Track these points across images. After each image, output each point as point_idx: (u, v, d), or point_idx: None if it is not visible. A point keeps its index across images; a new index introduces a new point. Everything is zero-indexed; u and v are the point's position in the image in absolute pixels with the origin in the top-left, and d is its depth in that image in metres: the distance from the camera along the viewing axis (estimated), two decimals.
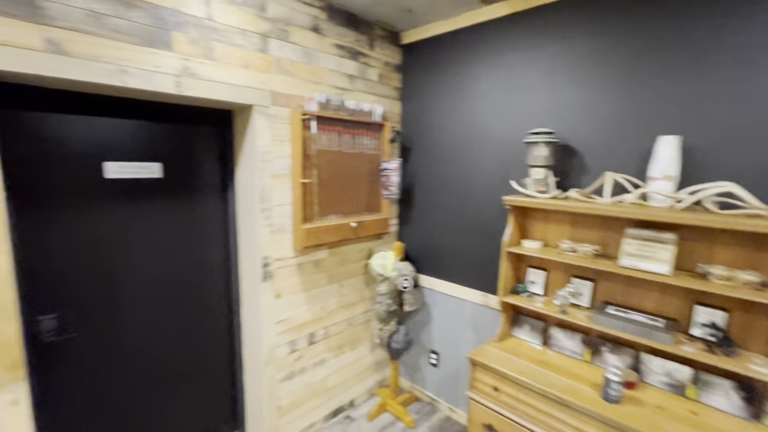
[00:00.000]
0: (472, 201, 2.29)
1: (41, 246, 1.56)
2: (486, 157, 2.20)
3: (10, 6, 1.21)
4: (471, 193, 2.29)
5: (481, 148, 2.21)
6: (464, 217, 2.34)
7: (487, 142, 2.19)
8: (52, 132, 1.55)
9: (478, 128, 2.22)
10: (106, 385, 1.79)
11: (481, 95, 2.19)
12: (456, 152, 2.33)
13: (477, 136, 2.23)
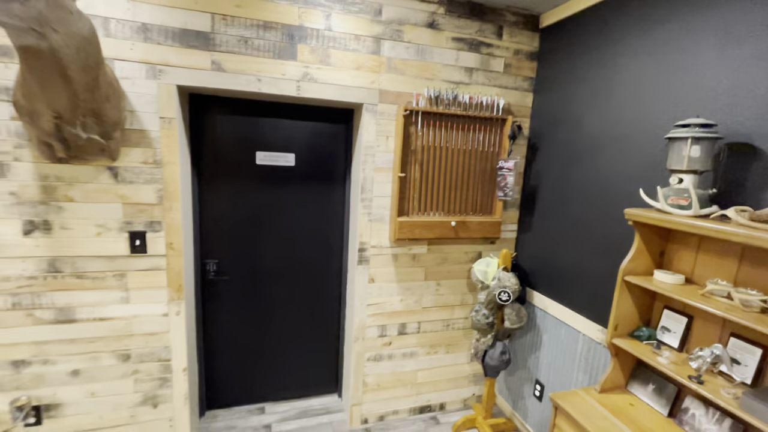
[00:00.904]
0: (607, 213, 1.84)
1: (213, 210, 2.19)
2: (630, 158, 1.72)
3: (194, 40, 1.74)
4: (606, 202, 1.83)
5: (626, 147, 1.74)
6: (593, 232, 1.90)
7: (634, 139, 1.70)
8: (224, 127, 2.13)
9: (624, 122, 1.75)
10: (244, 317, 2.36)
11: (630, 80, 1.72)
12: (593, 152, 1.91)
13: (621, 132, 1.76)
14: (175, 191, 1.84)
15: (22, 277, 1.71)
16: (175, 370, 1.98)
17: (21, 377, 1.78)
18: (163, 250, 1.87)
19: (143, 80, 1.72)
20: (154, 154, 1.79)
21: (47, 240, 1.71)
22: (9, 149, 1.62)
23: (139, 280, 1.86)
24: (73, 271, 1.77)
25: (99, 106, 1.49)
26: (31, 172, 1.66)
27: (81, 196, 1.72)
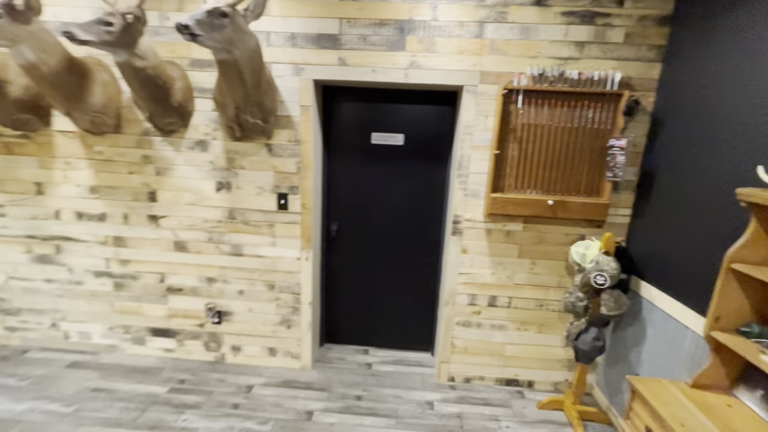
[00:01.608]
0: (733, 197, 1.61)
1: (337, 181, 2.69)
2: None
3: (326, 42, 2.18)
4: (734, 184, 1.60)
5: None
6: (716, 219, 1.69)
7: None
8: (347, 112, 2.57)
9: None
10: (357, 271, 2.84)
11: None
12: (733, 128, 1.67)
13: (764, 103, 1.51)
14: (309, 164, 2.36)
15: (213, 220, 2.48)
16: (303, 302, 2.57)
17: (211, 289, 2.60)
18: (299, 209, 2.43)
19: (290, 77, 2.25)
20: (296, 135, 2.33)
21: (228, 196, 2.44)
22: (209, 131, 2.36)
23: (283, 230, 2.47)
24: (242, 219, 2.47)
25: (261, 98, 2.06)
26: (221, 148, 2.38)
27: (249, 165, 2.39)
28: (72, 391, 2.34)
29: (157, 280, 2.61)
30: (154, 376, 2.53)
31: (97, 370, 2.55)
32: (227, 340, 2.67)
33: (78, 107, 2.16)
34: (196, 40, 1.58)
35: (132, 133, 2.39)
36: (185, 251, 2.54)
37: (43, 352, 2.73)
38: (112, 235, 2.55)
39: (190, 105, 2.31)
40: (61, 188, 2.50)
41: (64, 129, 2.41)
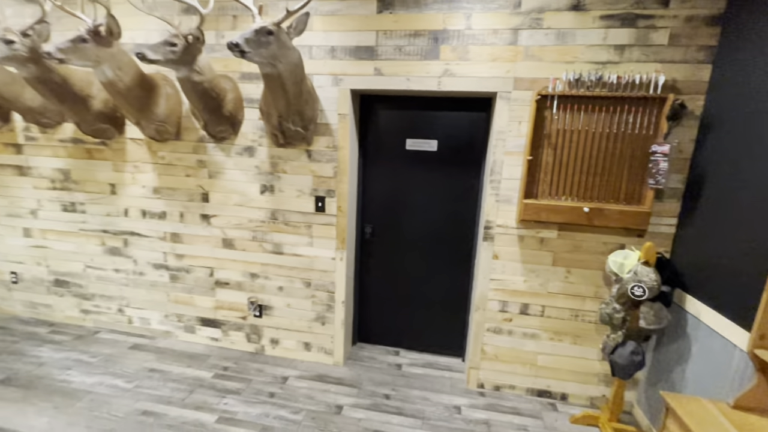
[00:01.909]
0: None
1: (372, 185, 2.80)
2: None
3: (363, 53, 2.30)
4: None
5: None
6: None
7: None
8: (383, 119, 2.68)
9: None
10: (390, 273, 2.92)
11: None
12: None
13: None
14: (345, 169, 2.49)
15: (257, 220, 2.68)
16: (337, 300, 2.69)
17: (253, 284, 2.80)
18: (335, 211, 2.56)
19: (329, 87, 2.39)
20: (333, 141, 2.46)
21: (271, 198, 2.63)
22: (256, 138, 2.56)
23: (319, 231, 2.61)
24: (283, 220, 2.64)
25: (302, 107, 2.22)
26: (266, 153, 2.57)
27: (290, 170, 2.56)
28: (133, 370, 2.63)
29: (207, 274, 2.85)
30: (202, 362, 2.76)
31: (154, 353, 2.84)
32: (267, 333, 2.85)
33: (145, 117, 2.45)
34: (244, 57, 1.76)
35: (189, 140, 2.65)
36: (232, 248, 2.76)
37: (110, 333, 3.07)
38: (170, 232, 2.83)
39: (240, 114, 2.53)
40: (130, 189, 2.83)
41: (134, 137, 2.74)
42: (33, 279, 3.20)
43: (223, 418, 2.23)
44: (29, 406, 2.25)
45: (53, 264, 3.12)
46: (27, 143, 2.94)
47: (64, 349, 2.83)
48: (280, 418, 2.25)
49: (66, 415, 2.20)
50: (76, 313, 3.18)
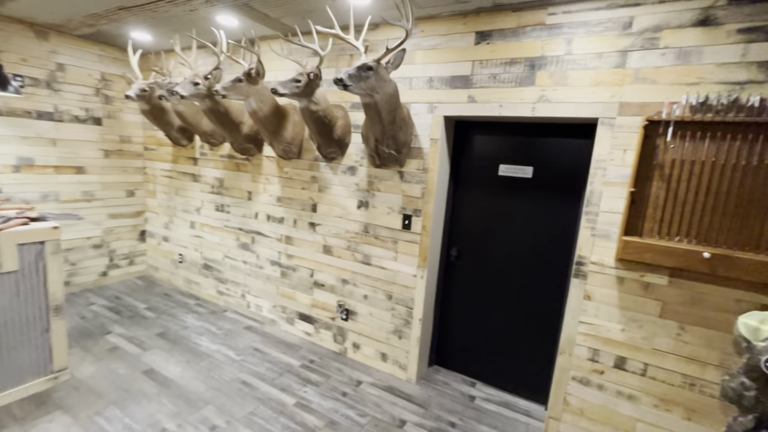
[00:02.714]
0: None
1: (461, 208, 2.83)
2: None
3: (458, 82, 2.42)
4: None
5: None
6: None
7: None
8: (476, 144, 2.72)
9: None
10: (473, 300, 2.87)
11: None
12: None
13: None
14: (432, 190, 2.60)
15: (352, 231, 2.98)
16: (414, 317, 2.77)
17: (343, 289, 3.08)
18: (419, 230, 2.68)
19: (425, 114, 2.57)
20: (424, 164, 2.61)
21: (365, 213, 2.90)
22: (358, 159, 2.89)
23: (404, 247, 2.75)
24: (373, 234, 2.88)
25: (395, 133, 2.44)
26: (365, 172, 2.87)
27: (383, 188, 2.80)
28: (242, 346, 3.15)
29: (308, 274, 3.27)
30: (294, 351, 3.14)
31: (260, 336, 3.35)
32: (350, 336, 3.09)
33: (276, 139, 3.01)
34: (347, 89, 2.06)
35: (307, 159, 3.14)
36: (330, 254, 3.12)
37: (234, 313, 3.75)
38: (285, 234, 3.36)
39: (347, 138, 2.90)
40: (261, 196, 3.47)
41: (268, 155, 3.37)
42: (191, 261, 4.14)
43: (300, 403, 2.50)
44: (171, 356, 2.92)
45: (205, 251, 4.00)
46: (200, 157, 3.89)
47: (201, 320, 3.57)
48: (347, 417, 2.41)
49: (192, 370, 2.77)
50: (214, 293, 3.98)
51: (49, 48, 3.57)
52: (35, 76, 3.51)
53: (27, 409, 2.26)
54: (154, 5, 2.65)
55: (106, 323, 3.37)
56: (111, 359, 2.83)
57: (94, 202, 4.08)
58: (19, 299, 2.28)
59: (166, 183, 4.26)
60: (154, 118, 3.64)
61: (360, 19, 2.56)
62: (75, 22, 3.26)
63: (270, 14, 2.65)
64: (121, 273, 4.42)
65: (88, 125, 3.92)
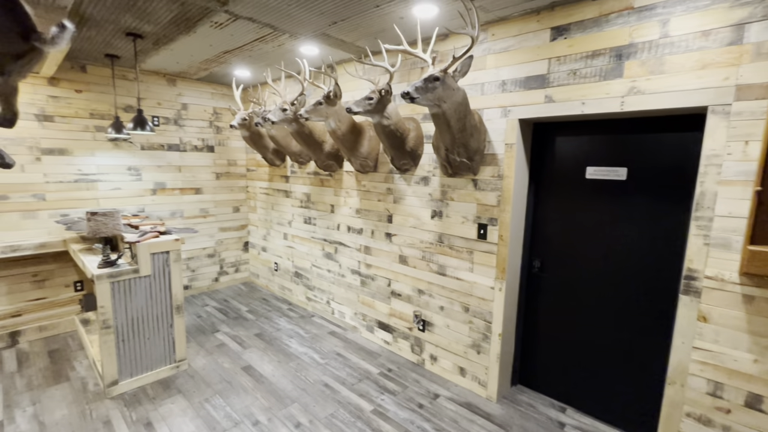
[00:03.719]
0: None
1: (542, 216, 2.64)
2: None
3: (533, 83, 2.29)
4: None
5: None
6: None
7: None
8: (557, 146, 2.52)
9: None
10: (560, 316, 2.63)
11: None
12: None
13: None
14: (509, 198, 2.48)
15: (427, 242, 2.98)
16: (493, 332, 2.64)
17: (419, 299, 3.09)
18: (496, 240, 2.56)
19: (498, 119, 2.48)
20: (499, 170, 2.51)
21: (439, 222, 2.88)
22: (431, 169, 2.90)
23: (480, 257, 2.66)
24: (448, 243, 2.84)
25: (466, 140, 2.40)
26: (438, 182, 2.86)
27: (457, 198, 2.75)
28: (327, 350, 3.35)
29: (385, 283, 3.35)
30: (373, 359, 3.22)
31: (343, 341, 3.52)
32: (427, 347, 3.07)
33: (354, 155, 3.19)
34: (413, 102, 2.10)
35: (383, 171, 3.25)
36: (406, 264, 3.15)
37: (320, 319, 4.01)
38: (363, 245, 3.50)
39: (420, 149, 2.93)
40: (342, 209, 3.68)
41: (348, 170, 3.57)
42: (284, 269, 4.56)
43: (377, 410, 2.56)
44: (266, 355, 3.24)
45: (295, 260, 4.37)
46: (291, 175, 4.29)
47: (292, 323, 3.89)
48: (423, 429, 2.38)
49: (282, 369, 3.04)
50: (303, 299, 4.31)
51: (177, 92, 4.34)
52: (167, 115, 4.29)
53: (157, 391, 2.72)
54: (249, 45, 3.06)
55: (216, 323, 3.88)
56: (218, 354, 3.25)
57: (209, 218, 4.77)
58: (152, 299, 2.78)
59: (263, 199, 4.79)
60: (253, 143, 4.15)
61: (428, 32, 2.60)
62: (194, 68, 3.91)
63: (345, 39, 2.84)
64: (229, 279, 5.07)
65: (204, 153, 4.63)
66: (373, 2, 2.20)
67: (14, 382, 2.78)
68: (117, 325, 2.62)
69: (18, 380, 2.82)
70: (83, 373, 2.92)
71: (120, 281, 2.61)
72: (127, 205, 4.09)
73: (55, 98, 3.57)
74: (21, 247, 3.30)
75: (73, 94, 3.66)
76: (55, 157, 3.61)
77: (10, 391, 2.68)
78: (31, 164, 3.49)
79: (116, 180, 3.99)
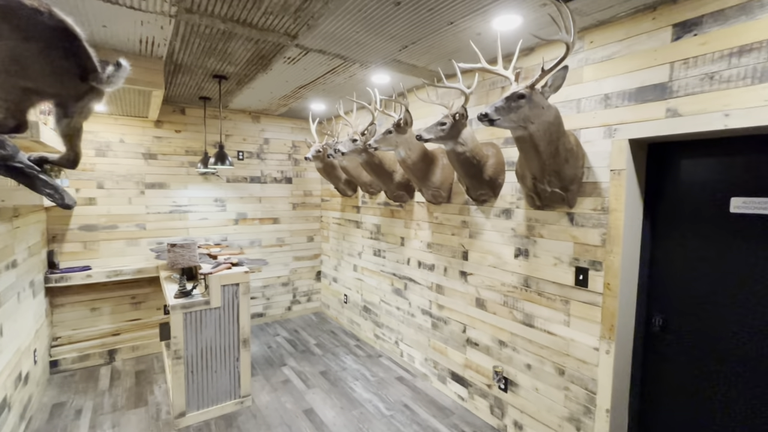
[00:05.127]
0: None
1: (665, 261, 2.07)
2: None
3: (649, 94, 1.83)
4: None
5: None
6: None
7: None
8: (686, 172, 1.97)
9: None
10: (699, 386, 1.98)
11: None
12: None
13: None
14: (617, 236, 1.98)
15: (509, 285, 2.55)
16: (598, 406, 2.08)
17: (501, 352, 2.63)
18: (600, 289, 2.05)
19: (600, 140, 2.04)
20: (602, 203, 2.04)
21: (525, 263, 2.45)
22: (514, 200, 2.51)
23: (579, 310, 2.16)
24: (536, 289, 2.38)
25: (559, 167, 1.99)
26: (523, 216, 2.46)
27: (547, 234, 2.31)
28: (393, 399, 3.02)
29: (460, 329, 2.95)
30: (445, 416, 2.81)
31: (411, 390, 3.16)
32: (511, 412, 2.57)
33: (425, 185, 2.94)
34: (493, 124, 1.80)
35: (457, 203, 2.94)
36: (483, 309, 2.74)
37: (387, 360, 3.71)
38: (435, 283, 3.17)
39: (500, 178, 2.58)
40: (412, 242, 3.42)
41: (419, 200, 3.33)
42: (353, 302, 4.40)
43: None
44: (329, 398, 3.03)
45: (364, 294, 4.19)
46: (362, 205, 4.19)
47: (359, 362, 3.66)
48: None
49: (344, 417, 2.79)
50: (371, 336, 4.07)
51: (260, 128, 4.61)
52: (251, 150, 4.56)
53: (220, 427, 2.66)
54: (322, 78, 3.06)
55: (284, 355, 3.82)
56: (282, 391, 3.13)
57: (284, 247, 4.88)
58: (220, 331, 2.78)
59: (336, 229, 4.76)
60: (326, 173, 4.16)
61: (509, 47, 2.31)
62: (274, 105, 4.10)
63: (417, 63, 2.67)
64: (301, 308, 5.07)
65: (282, 184, 4.80)
66: (446, 19, 1.99)
67: (103, 402, 2.96)
68: (187, 356, 2.65)
69: (106, 399, 3.00)
70: (159, 398, 3.00)
71: (192, 312, 2.65)
72: (212, 234, 4.35)
73: (159, 138, 3.99)
74: (123, 272, 3.64)
75: (174, 134, 4.07)
76: (156, 190, 3.99)
77: (97, 410, 2.85)
78: (136, 197, 3.90)
79: (204, 210, 4.29)
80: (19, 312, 2.60)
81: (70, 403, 2.94)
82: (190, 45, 2.40)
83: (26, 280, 2.82)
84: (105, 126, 3.71)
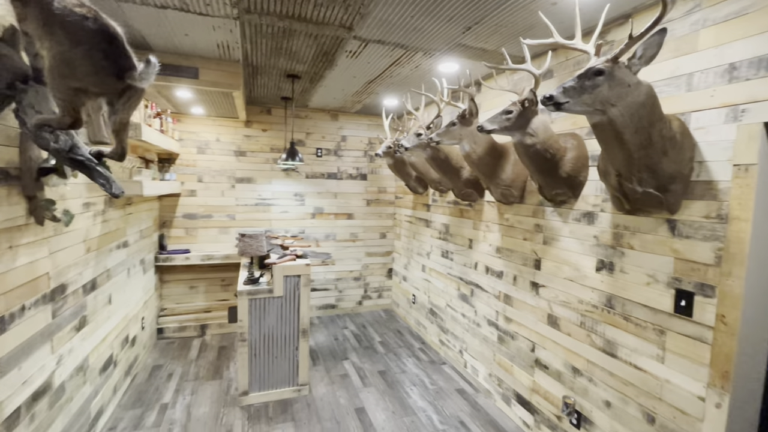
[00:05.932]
0: None
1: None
2: None
3: None
4: None
5: None
6: None
7: None
8: None
9: None
10: None
11: None
12: None
13: None
14: (740, 254, 1.48)
15: (588, 303, 2.14)
16: None
17: (574, 381, 2.22)
18: (711, 321, 1.57)
19: (718, 126, 1.55)
20: (719, 208, 1.55)
21: (609, 278, 2.02)
22: (598, 203, 2.09)
23: (678, 344, 1.69)
24: (621, 311, 1.95)
25: (653, 161, 1.57)
26: (608, 221, 2.03)
27: (639, 245, 1.86)
28: (449, 413, 2.81)
29: (528, 347, 2.60)
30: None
31: (470, 406, 2.90)
32: None
33: (494, 182, 2.65)
34: (560, 109, 1.49)
35: (531, 203, 2.58)
36: (556, 327, 2.36)
37: (450, 369, 3.48)
38: (503, 292, 2.85)
39: (582, 175, 2.17)
40: (481, 245, 3.13)
41: (489, 200, 3.03)
42: (421, 303, 4.26)
43: None
44: (382, 400, 2.95)
45: (431, 296, 4.01)
46: (432, 204, 4.01)
47: (419, 367, 3.51)
48: None
49: (394, 423, 2.68)
50: (436, 341, 3.87)
51: (338, 125, 4.74)
52: (329, 147, 4.72)
53: (276, 411, 2.78)
54: (387, 71, 2.98)
55: (348, 349, 3.87)
56: (339, 385, 3.15)
57: (357, 242, 4.96)
58: (281, 320, 2.91)
59: (407, 227, 4.66)
60: (397, 170, 4.08)
61: (591, 19, 1.91)
62: (349, 102, 4.17)
63: (486, 47, 2.41)
64: (371, 304, 5.10)
65: (357, 180, 4.88)
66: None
67: (189, 370, 3.36)
68: (251, 339, 2.83)
69: (192, 368, 3.39)
70: (232, 374, 3.29)
71: (257, 299, 2.82)
72: (291, 227, 4.63)
73: (248, 137, 4.37)
74: (213, 257, 4.09)
75: (261, 132, 4.42)
76: (244, 184, 4.39)
77: (184, 377, 3.23)
78: (228, 190, 4.34)
79: (285, 204, 4.58)
80: (128, 285, 3.08)
81: (166, 366, 3.40)
82: (259, 46, 2.53)
83: (137, 258, 3.33)
84: (204, 127, 4.21)
